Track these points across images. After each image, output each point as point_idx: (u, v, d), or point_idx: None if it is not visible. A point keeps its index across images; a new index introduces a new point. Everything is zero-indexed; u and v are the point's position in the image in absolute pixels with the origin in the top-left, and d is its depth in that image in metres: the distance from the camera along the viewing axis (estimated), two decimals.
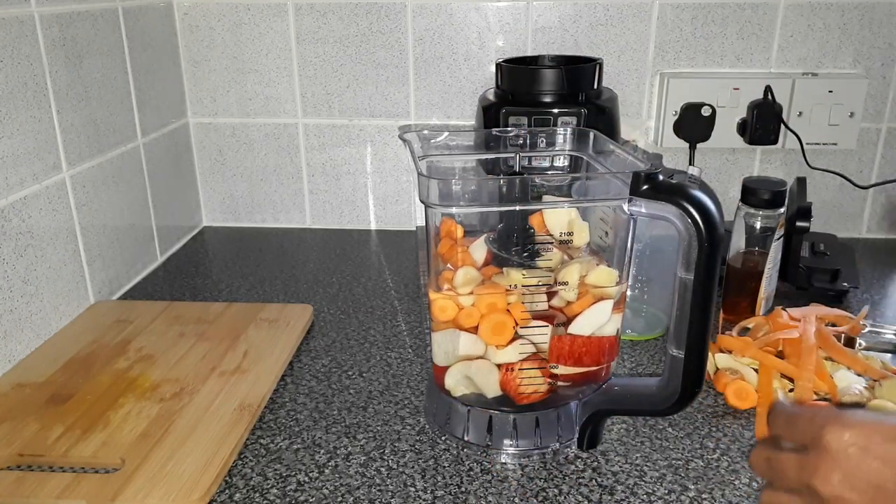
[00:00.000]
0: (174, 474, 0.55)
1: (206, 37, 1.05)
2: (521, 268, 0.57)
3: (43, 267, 0.75)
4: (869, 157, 1.04)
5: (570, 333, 0.57)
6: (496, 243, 0.59)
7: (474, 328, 0.57)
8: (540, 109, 0.86)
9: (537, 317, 0.56)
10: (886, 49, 1.00)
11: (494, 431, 0.60)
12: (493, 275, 0.58)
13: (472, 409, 0.60)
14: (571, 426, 0.61)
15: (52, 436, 0.59)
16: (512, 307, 0.56)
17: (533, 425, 0.60)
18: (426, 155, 0.65)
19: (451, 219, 0.58)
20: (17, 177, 0.71)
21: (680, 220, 0.51)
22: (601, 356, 0.58)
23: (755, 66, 1.02)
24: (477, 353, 0.58)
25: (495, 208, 0.57)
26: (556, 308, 0.57)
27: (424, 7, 1.01)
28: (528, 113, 0.86)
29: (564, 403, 0.60)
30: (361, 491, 0.56)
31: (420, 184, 0.53)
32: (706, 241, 0.50)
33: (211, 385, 0.67)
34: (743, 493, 0.55)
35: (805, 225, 0.83)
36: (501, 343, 0.57)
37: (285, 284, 0.93)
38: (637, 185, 0.52)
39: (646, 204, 0.52)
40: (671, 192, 0.51)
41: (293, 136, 1.09)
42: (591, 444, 0.60)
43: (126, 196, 0.91)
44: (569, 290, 0.56)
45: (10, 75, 0.70)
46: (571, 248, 0.59)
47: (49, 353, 0.72)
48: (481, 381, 0.58)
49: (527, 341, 0.57)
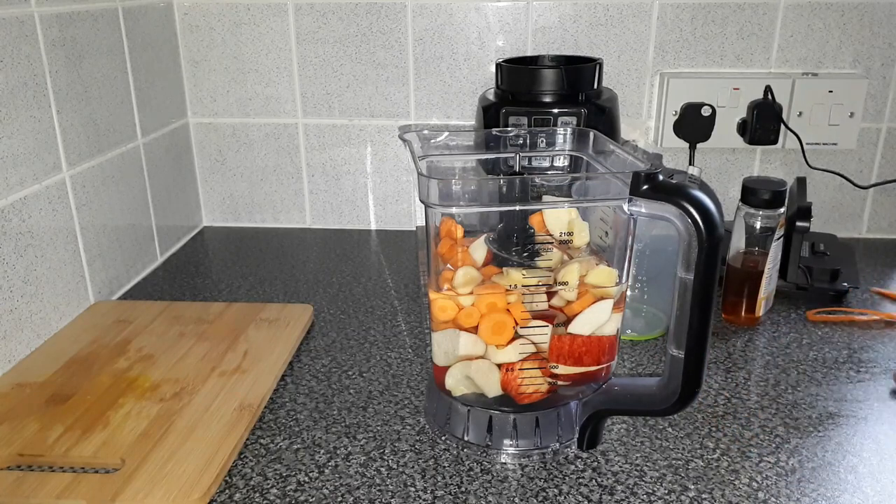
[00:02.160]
0: (174, 474, 0.55)
1: (206, 37, 1.05)
2: (521, 268, 0.57)
3: (43, 267, 0.75)
4: (869, 157, 1.04)
5: (570, 333, 0.57)
6: (496, 243, 0.59)
7: (474, 328, 0.57)
8: (540, 109, 0.86)
9: (537, 316, 0.56)
10: (886, 49, 1.00)
11: (494, 431, 0.60)
12: (493, 275, 0.58)
13: (472, 408, 0.60)
14: (571, 426, 0.61)
15: (52, 436, 0.59)
16: (512, 307, 0.56)
17: (533, 425, 0.60)
18: (426, 155, 0.65)
19: (452, 219, 0.58)
20: (17, 177, 0.71)
21: (680, 220, 0.51)
22: (601, 356, 0.58)
23: (755, 66, 1.02)
24: (477, 353, 0.58)
25: (495, 208, 0.57)
26: (556, 308, 0.57)
27: (424, 7, 1.01)
28: (528, 113, 0.86)
29: (564, 403, 0.60)
30: (361, 491, 0.56)
31: (420, 184, 0.53)
32: (706, 242, 0.50)
33: (211, 385, 0.67)
34: (743, 494, 0.55)
35: (805, 225, 0.83)
36: (501, 343, 0.57)
37: (285, 284, 0.93)
38: (637, 185, 0.52)
39: (646, 204, 0.52)
40: (671, 192, 0.51)
41: (293, 136, 1.09)
42: (591, 445, 0.60)
43: (126, 196, 0.92)
44: (569, 290, 0.56)
45: (10, 75, 0.70)
46: (571, 248, 0.59)
47: (49, 353, 0.72)
48: (482, 380, 0.58)
49: (527, 341, 0.57)
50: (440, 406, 0.63)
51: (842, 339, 0.78)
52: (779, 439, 0.61)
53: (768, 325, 0.81)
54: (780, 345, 0.77)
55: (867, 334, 0.79)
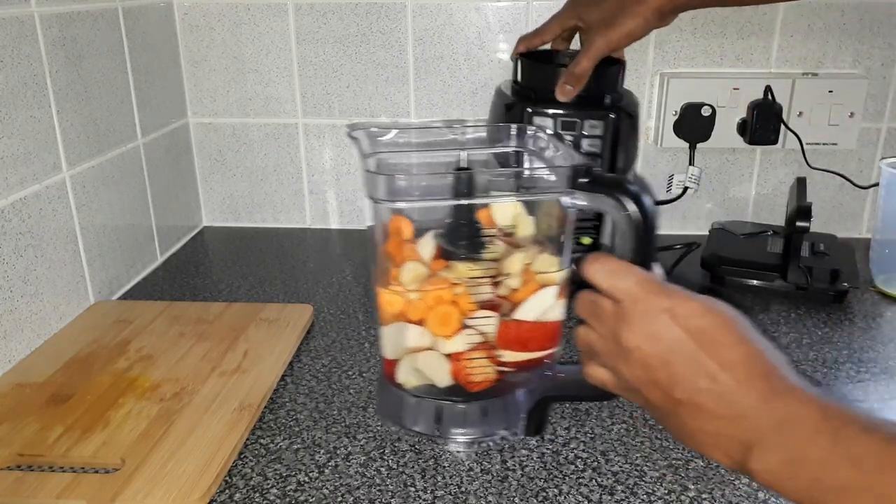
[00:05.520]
0: (174, 474, 0.55)
1: (206, 37, 1.05)
2: (467, 261, 0.59)
3: (43, 267, 0.75)
4: (869, 157, 1.04)
5: (515, 319, 0.58)
6: (444, 238, 0.60)
7: (421, 320, 0.58)
8: (566, 111, 0.81)
9: (484, 306, 0.58)
10: (886, 49, 1.00)
11: (444, 420, 0.61)
12: (441, 269, 0.59)
13: (421, 399, 0.61)
14: (519, 413, 0.62)
15: (52, 436, 0.59)
16: (458, 299, 0.58)
17: (481, 414, 0.61)
18: (375, 152, 0.66)
19: (400, 215, 0.60)
20: (17, 177, 0.71)
21: (616, 211, 0.53)
22: (546, 341, 0.60)
23: (755, 66, 1.02)
24: (424, 345, 0.59)
25: (438, 202, 0.58)
26: (502, 297, 0.59)
27: (424, 7, 1.01)
28: (554, 115, 0.81)
29: (513, 391, 0.62)
30: (361, 491, 0.56)
31: (367, 180, 0.55)
32: (641, 232, 0.52)
33: (211, 385, 0.67)
34: (743, 494, 0.55)
35: (805, 225, 0.83)
36: (448, 334, 0.58)
37: (285, 284, 0.93)
38: (575, 178, 0.54)
39: (584, 196, 0.55)
40: (607, 184, 0.54)
41: (293, 136, 1.09)
42: (537, 431, 0.62)
43: (126, 196, 0.91)
44: (513, 279, 0.58)
45: (10, 75, 0.70)
46: (517, 240, 0.61)
47: (49, 353, 0.72)
48: (431, 371, 0.60)
49: (474, 331, 0.58)
50: (391, 398, 0.64)
51: (842, 339, 0.78)
52: None
53: (768, 324, 0.81)
54: (780, 345, 0.77)
55: (867, 334, 0.79)
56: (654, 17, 0.75)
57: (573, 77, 0.76)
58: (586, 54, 0.76)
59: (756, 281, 0.88)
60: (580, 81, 0.77)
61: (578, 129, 0.80)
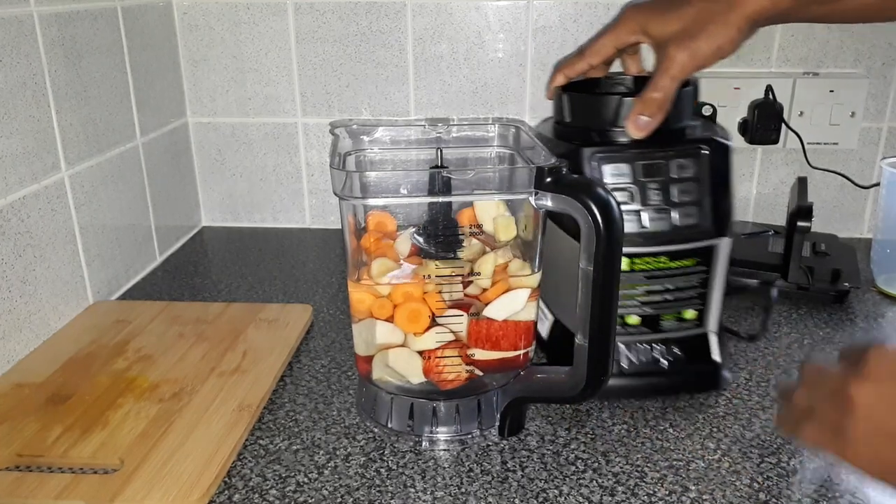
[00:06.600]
0: (173, 475, 0.55)
1: (206, 36, 1.04)
2: (441, 259, 0.59)
3: (42, 267, 0.75)
4: (870, 157, 1.04)
5: (486, 317, 0.58)
6: (421, 236, 0.61)
7: (390, 318, 0.58)
8: (646, 150, 0.63)
9: (453, 305, 0.58)
10: (887, 48, 1.00)
11: (416, 418, 0.61)
12: (413, 265, 0.60)
13: (395, 396, 0.61)
14: (493, 413, 0.62)
15: (51, 436, 0.59)
16: (428, 296, 0.58)
17: (454, 412, 0.61)
18: (357, 150, 0.66)
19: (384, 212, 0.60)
20: (16, 176, 0.71)
21: (581, 213, 0.52)
22: (518, 341, 0.60)
23: (756, 66, 1.01)
24: (395, 342, 0.59)
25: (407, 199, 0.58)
26: (472, 296, 0.59)
27: (424, 7, 1.01)
28: (633, 158, 0.63)
29: (487, 391, 0.62)
30: (361, 492, 0.55)
31: (334, 177, 0.55)
32: (605, 234, 0.52)
33: (210, 385, 0.67)
34: (744, 494, 0.55)
35: (806, 225, 0.83)
36: (418, 331, 0.58)
37: (285, 284, 0.93)
38: (541, 178, 0.54)
39: (550, 198, 0.54)
40: (573, 186, 0.53)
41: (293, 135, 1.09)
42: (512, 432, 0.62)
43: (125, 196, 0.91)
44: (483, 279, 0.59)
45: (10, 75, 0.70)
46: (490, 240, 0.61)
47: (48, 354, 0.72)
48: (402, 368, 0.60)
49: (444, 329, 0.58)
50: (366, 395, 0.64)
51: (843, 340, 0.78)
52: (780, 440, 0.61)
53: (769, 324, 0.81)
54: (781, 345, 0.77)
55: (868, 335, 0.79)
56: (747, 26, 0.60)
57: (652, 105, 0.60)
58: (666, 74, 0.60)
59: (756, 281, 0.88)
60: (661, 109, 0.60)
61: (665, 174, 0.63)
